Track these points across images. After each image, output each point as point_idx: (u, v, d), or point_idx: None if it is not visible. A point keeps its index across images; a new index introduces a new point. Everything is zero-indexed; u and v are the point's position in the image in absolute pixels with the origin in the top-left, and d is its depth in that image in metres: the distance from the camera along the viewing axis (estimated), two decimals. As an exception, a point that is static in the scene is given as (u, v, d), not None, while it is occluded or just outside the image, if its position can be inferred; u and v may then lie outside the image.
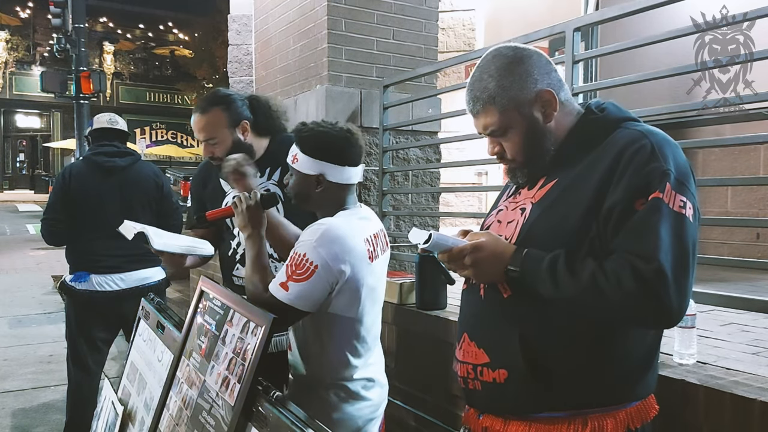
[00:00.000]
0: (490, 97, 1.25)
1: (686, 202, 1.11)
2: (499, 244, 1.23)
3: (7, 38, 25.34)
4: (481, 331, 1.30)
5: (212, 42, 20.37)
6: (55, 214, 3.00)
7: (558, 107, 1.26)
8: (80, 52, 11.90)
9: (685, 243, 1.10)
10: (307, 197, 1.69)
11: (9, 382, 4.17)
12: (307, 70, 3.88)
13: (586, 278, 1.11)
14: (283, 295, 1.51)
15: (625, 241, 1.11)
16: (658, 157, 1.13)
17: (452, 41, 7.90)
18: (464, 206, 7.89)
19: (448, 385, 2.43)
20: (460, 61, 3.52)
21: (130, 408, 1.88)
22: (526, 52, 1.27)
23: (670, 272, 1.06)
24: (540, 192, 1.27)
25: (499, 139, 1.29)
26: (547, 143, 1.27)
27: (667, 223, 1.09)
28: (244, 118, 2.15)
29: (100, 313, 2.99)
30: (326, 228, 1.56)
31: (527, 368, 1.19)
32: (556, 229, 1.19)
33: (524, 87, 1.24)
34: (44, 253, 10.18)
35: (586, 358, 1.19)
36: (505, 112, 1.25)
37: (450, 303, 2.60)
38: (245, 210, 1.69)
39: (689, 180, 1.16)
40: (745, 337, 2.07)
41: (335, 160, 1.65)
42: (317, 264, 1.51)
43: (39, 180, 25.17)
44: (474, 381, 1.30)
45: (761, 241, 4.62)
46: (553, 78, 1.27)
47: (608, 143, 1.20)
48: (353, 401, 1.64)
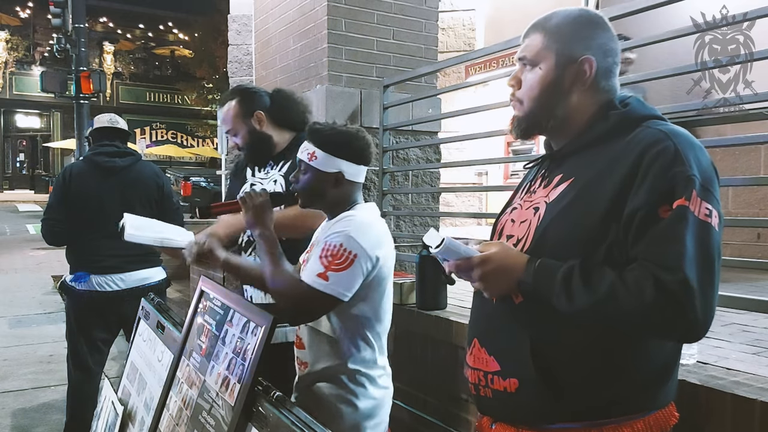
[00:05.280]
0: (546, 28, 1.23)
1: (711, 210, 1.06)
2: (509, 256, 1.18)
3: (7, 38, 25.36)
4: (491, 337, 1.26)
5: (212, 42, 20.35)
6: (56, 214, 3.00)
7: (588, 85, 1.21)
8: (80, 52, 11.89)
9: (710, 253, 1.05)
10: (322, 195, 1.70)
11: (9, 382, 4.17)
12: (307, 70, 3.88)
13: (604, 290, 1.05)
14: (324, 285, 1.54)
15: (648, 251, 1.05)
16: (682, 160, 1.07)
17: (452, 41, 7.91)
18: (464, 206, 7.90)
19: (448, 385, 2.43)
20: (460, 61, 3.53)
21: (130, 408, 1.88)
22: (605, 27, 1.23)
23: (696, 284, 1.01)
24: (555, 191, 1.20)
25: (524, 70, 1.25)
26: (558, 108, 1.22)
27: (693, 232, 1.03)
28: (259, 109, 2.22)
29: (100, 313, 2.99)
30: (359, 219, 1.63)
31: (539, 378, 1.14)
32: (571, 235, 1.14)
33: (577, 44, 1.20)
34: (44, 253, 10.18)
35: (601, 366, 1.13)
36: (546, 48, 1.22)
37: (450, 303, 2.60)
38: (255, 207, 1.69)
39: (714, 185, 1.10)
40: (746, 338, 2.07)
41: (355, 159, 1.70)
42: (356, 253, 1.56)
43: (39, 180, 25.18)
44: (485, 388, 1.25)
45: (762, 241, 4.62)
46: (607, 62, 1.22)
47: (629, 142, 1.13)
48: (374, 387, 1.68)
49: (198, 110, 23.58)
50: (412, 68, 3.80)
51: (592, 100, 1.22)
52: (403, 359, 2.64)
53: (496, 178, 8.47)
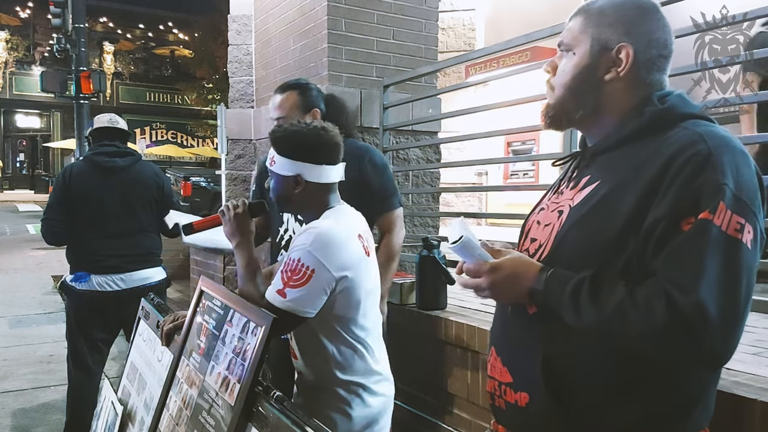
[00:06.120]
0: (588, 11, 1.15)
1: (744, 225, 0.94)
2: (522, 264, 1.11)
3: (7, 38, 25.35)
4: (505, 348, 1.20)
5: (212, 42, 20.33)
6: (56, 214, 3.00)
7: (624, 76, 1.10)
8: (80, 52, 11.89)
9: (737, 274, 0.93)
10: (288, 199, 1.67)
11: (9, 382, 4.17)
12: (307, 70, 3.88)
13: (612, 308, 0.97)
14: (281, 302, 1.50)
15: (664, 268, 0.95)
16: (714, 167, 0.95)
17: (452, 41, 7.91)
18: (464, 206, 7.90)
19: (448, 385, 2.43)
20: (460, 61, 3.53)
21: (130, 408, 1.88)
22: (654, 15, 1.12)
23: (714, 308, 0.90)
24: (581, 194, 1.11)
25: (561, 55, 1.17)
26: (589, 98, 1.13)
27: (716, 249, 0.92)
28: (316, 107, 2.29)
29: (100, 313, 2.99)
30: (319, 231, 1.55)
31: (549, 395, 1.07)
32: (590, 244, 1.05)
33: (616, 30, 1.10)
34: (44, 253, 10.17)
35: (618, 387, 1.04)
36: (583, 32, 1.13)
37: (450, 303, 2.60)
38: (233, 218, 1.69)
39: (753, 197, 0.97)
40: (746, 338, 2.05)
41: (311, 159, 1.63)
42: (313, 268, 1.50)
43: (39, 180, 25.17)
44: (499, 399, 1.19)
45: (761, 241, 4.62)
46: (651, 53, 1.10)
47: (663, 144, 1.02)
48: (369, 396, 1.65)
49: (198, 110, 23.56)
50: (412, 68, 3.80)
51: (630, 93, 1.11)
52: (403, 359, 2.64)
53: (496, 178, 8.48)
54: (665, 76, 1.14)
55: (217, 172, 11.02)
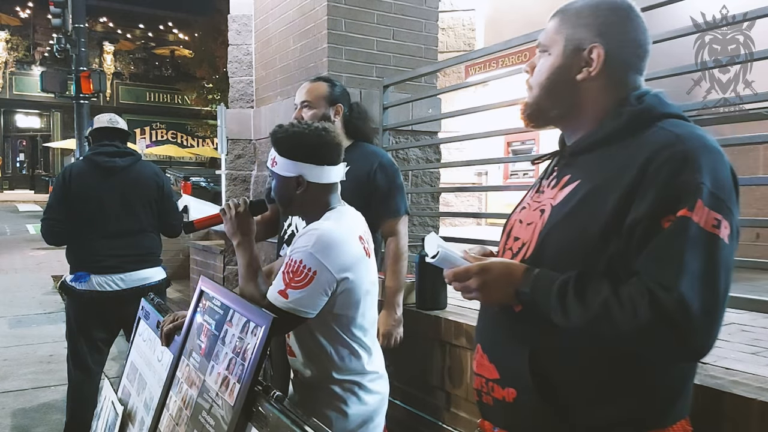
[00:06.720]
0: (565, 12, 1.17)
1: (721, 221, 0.97)
2: (508, 265, 1.13)
3: (7, 38, 25.36)
4: (492, 345, 1.22)
5: (212, 42, 20.34)
6: (55, 214, 3.00)
7: (597, 75, 1.12)
8: (80, 52, 11.89)
9: (716, 268, 0.96)
10: (290, 200, 1.67)
11: (9, 382, 4.17)
12: (307, 70, 3.88)
13: (597, 307, 0.99)
14: (283, 303, 1.50)
15: (646, 265, 0.98)
16: (692, 166, 0.98)
17: (452, 41, 7.92)
18: (464, 206, 7.91)
19: (447, 385, 2.43)
20: (460, 61, 3.52)
21: (130, 408, 1.88)
22: (630, 16, 1.13)
23: (696, 303, 0.93)
24: (561, 193, 1.14)
25: (539, 55, 1.20)
26: (564, 98, 1.16)
27: (696, 245, 0.95)
28: (341, 103, 2.37)
29: (100, 313, 2.99)
30: (320, 233, 1.56)
31: (536, 390, 1.09)
32: (573, 243, 1.07)
33: (590, 31, 1.13)
34: (44, 253, 10.18)
35: (604, 381, 1.06)
36: (558, 33, 1.16)
37: (450, 303, 2.60)
38: (234, 217, 1.69)
39: (729, 194, 1.00)
40: (745, 337, 2.06)
41: (312, 160, 1.63)
42: (315, 270, 1.51)
43: (39, 180, 25.17)
44: (487, 395, 1.21)
45: (761, 241, 4.62)
46: (625, 54, 1.13)
47: (640, 144, 1.05)
48: (365, 394, 1.66)
49: (198, 110, 23.57)
50: (412, 68, 3.80)
51: (605, 93, 1.14)
52: (403, 359, 2.64)
53: (496, 178, 8.48)
54: (641, 76, 1.16)
55: (217, 172, 11.04)
